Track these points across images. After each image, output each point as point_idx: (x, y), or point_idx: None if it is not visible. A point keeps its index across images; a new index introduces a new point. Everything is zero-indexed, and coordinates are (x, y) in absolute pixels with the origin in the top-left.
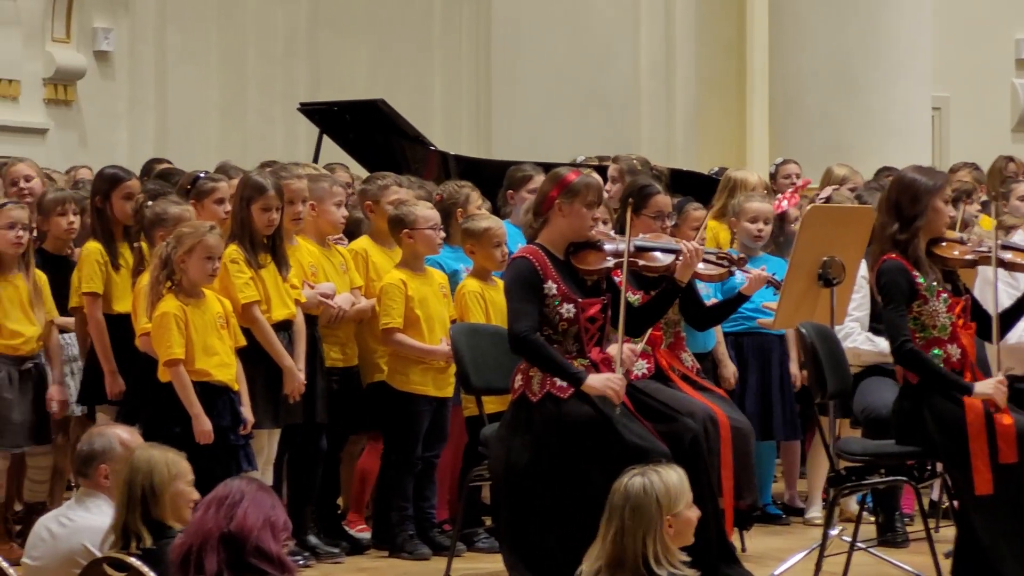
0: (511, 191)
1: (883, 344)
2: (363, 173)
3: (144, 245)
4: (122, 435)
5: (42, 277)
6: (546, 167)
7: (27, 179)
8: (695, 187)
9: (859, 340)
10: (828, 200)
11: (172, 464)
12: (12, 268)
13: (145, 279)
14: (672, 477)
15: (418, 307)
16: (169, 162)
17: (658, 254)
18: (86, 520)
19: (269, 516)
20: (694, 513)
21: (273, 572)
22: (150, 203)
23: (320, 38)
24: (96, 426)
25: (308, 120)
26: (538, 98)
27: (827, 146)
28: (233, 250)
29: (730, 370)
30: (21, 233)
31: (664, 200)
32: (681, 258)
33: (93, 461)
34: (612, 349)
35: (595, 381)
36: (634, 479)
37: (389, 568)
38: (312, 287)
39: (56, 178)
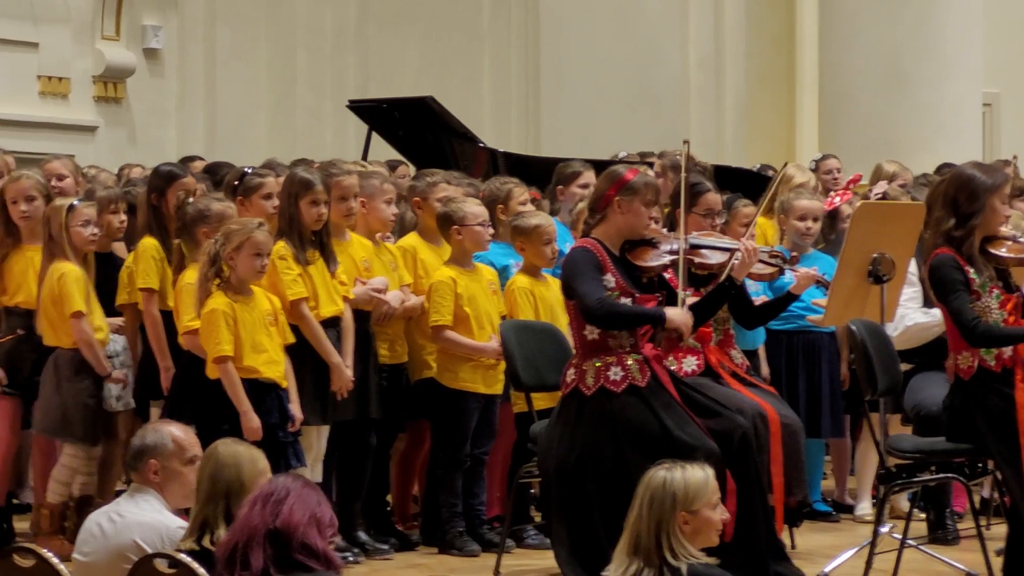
0: (560, 187)
1: (939, 314)
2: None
3: (181, 242)
4: (175, 432)
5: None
6: (595, 163)
7: (60, 178)
8: (740, 183)
9: (916, 316)
10: (884, 196)
11: (257, 459)
12: (81, 265)
13: (186, 277)
14: (696, 475)
15: (467, 304)
16: (201, 158)
17: (712, 252)
18: (136, 516)
19: (315, 512)
20: (718, 515)
21: (319, 568)
22: (191, 200)
23: (369, 35)
24: (152, 422)
25: (357, 117)
26: (587, 94)
27: (876, 142)
28: (281, 246)
29: (764, 371)
30: (95, 230)
31: (714, 198)
32: (738, 257)
33: (143, 456)
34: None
35: (675, 315)
36: (658, 472)
37: (439, 564)
38: (364, 283)
39: (105, 178)
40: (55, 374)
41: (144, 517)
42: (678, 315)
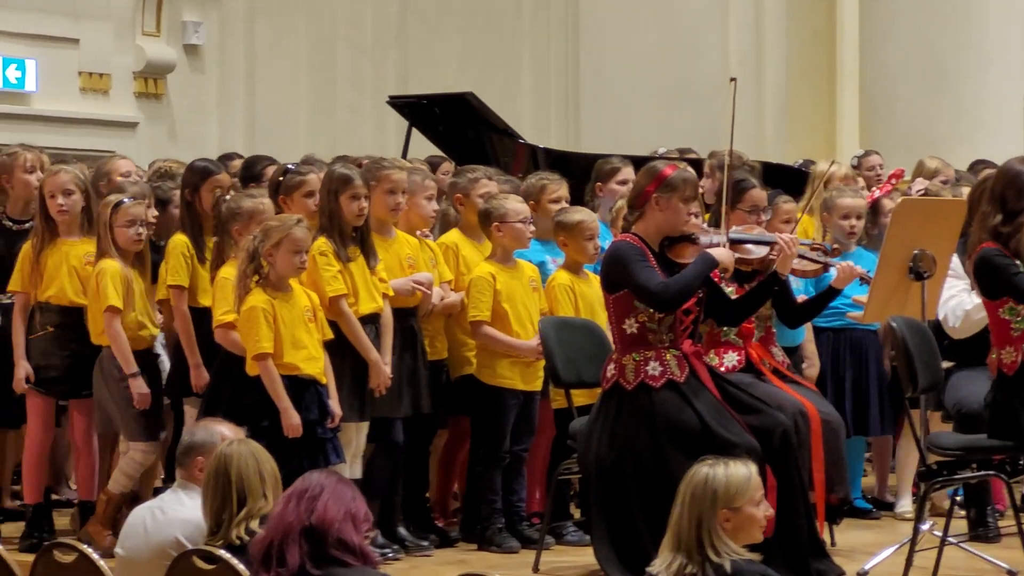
0: (599, 183)
1: None
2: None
3: (211, 240)
4: (225, 432)
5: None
6: (635, 160)
7: (125, 175)
8: (783, 180)
9: (964, 300)
10: (926, 192)
11: (266, 459)
12: (131, 263)
13: (223, 272)
14: (739, 472)
15: (505, 301)
16: (240, 156)
17: (752, 247)
18: (179, 512)
19: (350, 508)
20: (762, 511)
21: (355, 563)
22: (228, 197)
23: (409, 31)
24: (204, 420)
25: (397, 113)
26: (627, 90)
27: (917, 137)
28: (322, 243)
29: (815, 370)
30: (141, 230)
31: (759, 194)
32: (777, 251)
33: (191, 453)
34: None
35: (720, 255)
36: (701, 468)
37: (478, 560)
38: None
39: (177, 168)
40: (101, 373)
41: (187, 514)
42: (722, 254)
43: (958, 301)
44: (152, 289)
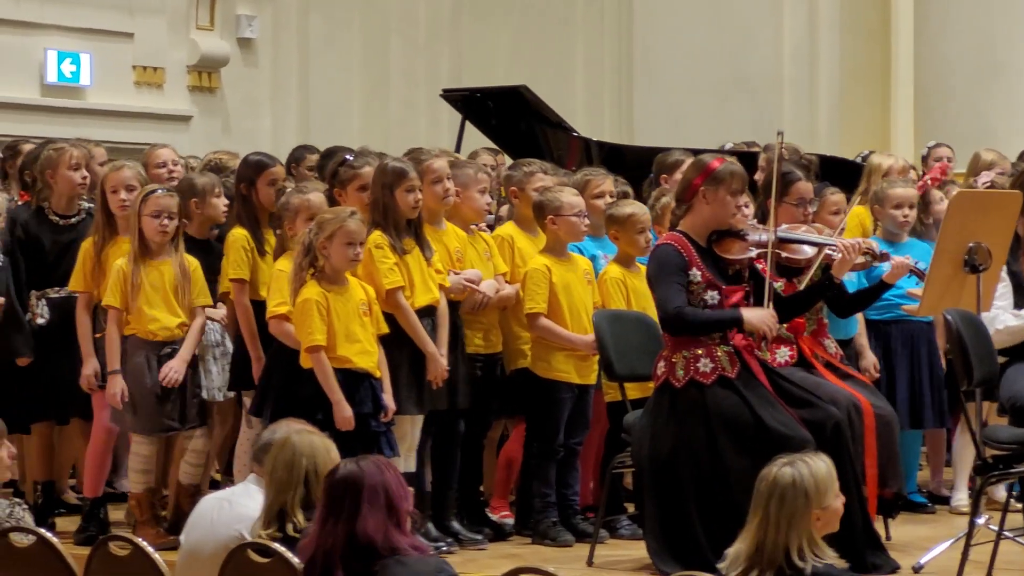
0: (664, 175)
1: None
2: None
3: (269, 232)
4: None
5: (193, 262)
6: (695, 152)
7: (173, 163)
8: (841, 173)
9: (1007, 318)
10: (992, 185)
11: (332, 448)
12: (158, 254)
13: (279, 265)
14: (821, 468)
15: (561, 294)
16: (318, 150)
17: (802, 247)
18: (246, 508)
19: (386, 513)
20: (840, 501)
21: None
22: (288, 189)
23: (462, 24)
24: (287, 420)
25: (451, 107)
26: (680, 83)
27: (972, 131)
28: (377, 235)
29: (870, 360)
30: (167, 221)
31: (806, 187)
32: (838, 256)
33: (267, 450)
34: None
35: (752, 316)
36: (783, 469)
37: (532, 554)
38: (457, 273)
39: (195, 164)
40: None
41: (252, 509)
42: (757, 316)
43: (995, 314)
44: (186, 281)
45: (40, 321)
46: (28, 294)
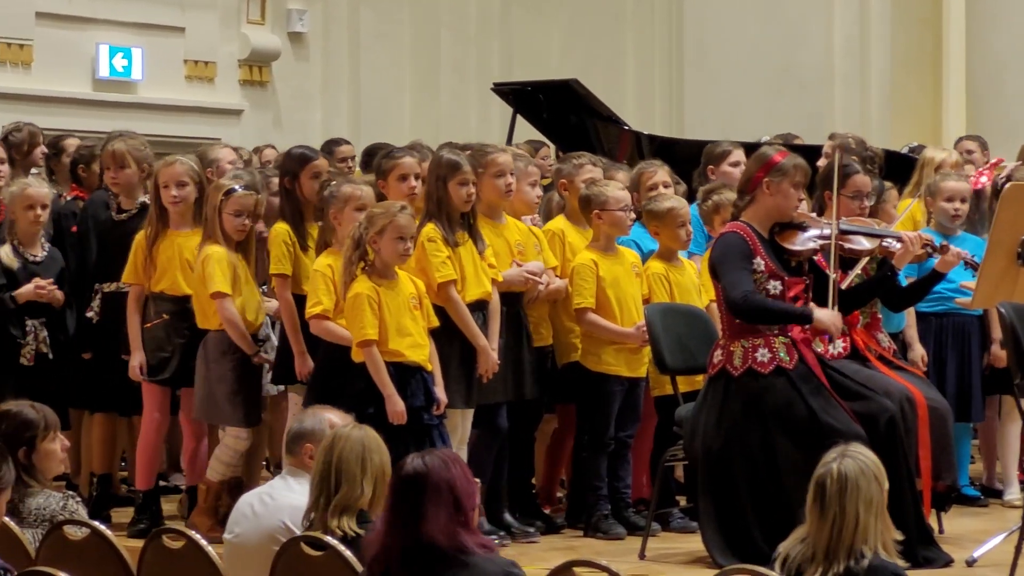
0: (711, 167)
1: None
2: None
3: (313, 227)
4: (333, 419)
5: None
6: (744, 145)
7: (229, 163)
8: (894, 167)
9: None
10: None
11: (381, 444)
12: (234, 251)
13: (317, 263)
14: (872, 454)
15: (609, 288)
16: (348, 142)
17: (863, 239)
18: (287, 498)
19: (451, 510)
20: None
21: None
22: (333, 183)
23: (513, 17)
24: (312, 407)
25: (501, 100)
26: (731, 76)
27: (1023, 123)
28: (430, 229)
29: (918, 352)
30: (247, 221)
31: (863, 180)
32: (894, 246)
33: (300, 440)
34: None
35: (823, 316)
36: (844, 463)
37: (584, 547)
38: (520, 265)
39: (273, 155)
40: (204, 356)
41: (295, 500)
42: (827, 316)
43: None
44: (255, 277)
45: (88, 315)
46: (92, 289)
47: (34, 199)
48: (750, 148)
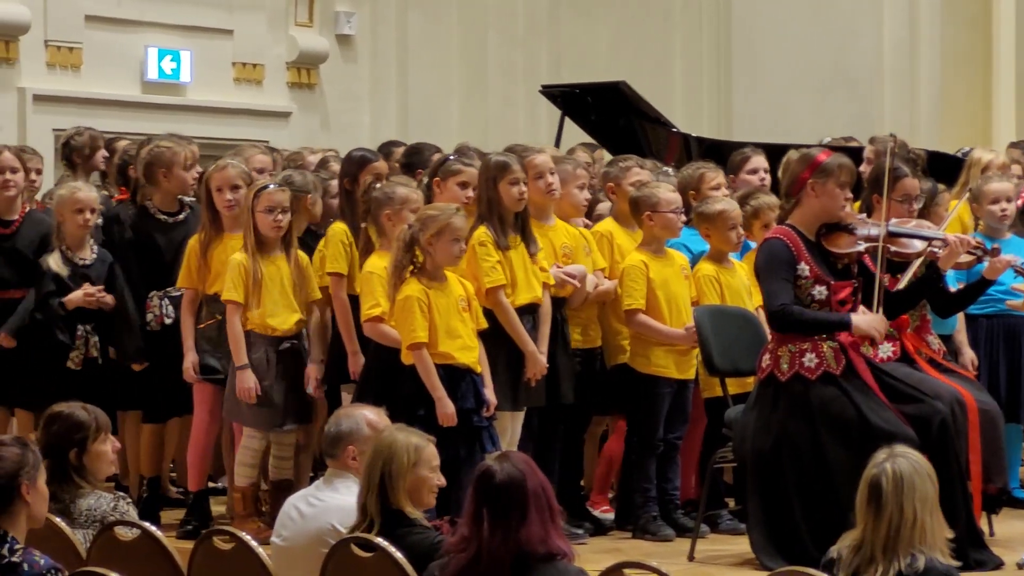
0: (731, 175)
1: None
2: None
3: (367, 227)
4: (369, 416)
5: (304, 257)
6: (786, 148)
7: (259, 171)
8: (942, 168)
9: None
10: None
11: (414, 450)
12: (273, 250)
13: (369, 265)
14: (918, 454)
15: (659, 289)
16: (402, 143)
17: (911, 240)
18: (334, 500)
19: (545, 515)
20: None
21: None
22: (379, 184)
23: (561, 19)
24: (344, 407)
25: (550, 102)
26: (780, 77)
27: None
28: (481, 232)
29: (968, 357)
30: (280, 216)
31: (911, 183)
32: (939, 247)
33: (340, 442)
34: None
35: (861, 322)
36: (897, 462)
37: (632, 549)
38: (559, 267)
39: (296, 158)
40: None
41: (343, 501)
42: (866, 321)
43: None
44: (300, 275)
45: (167, 321)
46: (149, 295)
47: (83, 203)
48: (775, 152)
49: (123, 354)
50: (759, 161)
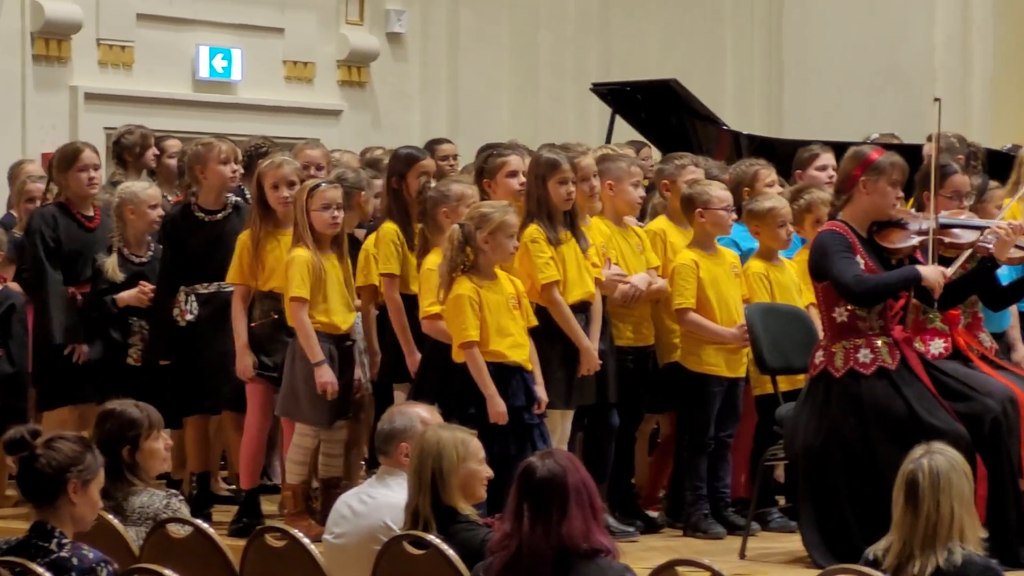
0: (799, 171)
1: None
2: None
3: (423, 227)
4: (422, 414)
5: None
6: (837, 145)
7: (317, 167)
8: (997, 165)
9: None
10: None
11: (461, 445)
12: (327, 249)
13: (428, 263)
14: (954, 451)
15: (709, 288)
16: (449, 141)
17: (962, 232)
18: (387, 497)
19: (586, 511)
20: None
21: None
22: (433, 183)
23: (611, 18)
24: (397, 405)
25: (600, 101)
26: (831, 75)
27: None
28: (533, 229)
29: (1021, 353)
30: (337, 213)
31: (961, 180)
32: (990, 239)
33: (393, 439)
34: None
35: (928, 272)
36: (934, 459)
37: (683, 547)
38: (611, 266)
39: (348, 160)
40: (292, 354)
41: (395, 499)
42: (931, 272)
43: None
44: (349, 274)
45: (189, 318)
46: (178, 292)
47: (155, 199)
48: (841, 149)
49: (150, 349)
50: (827, 158)
